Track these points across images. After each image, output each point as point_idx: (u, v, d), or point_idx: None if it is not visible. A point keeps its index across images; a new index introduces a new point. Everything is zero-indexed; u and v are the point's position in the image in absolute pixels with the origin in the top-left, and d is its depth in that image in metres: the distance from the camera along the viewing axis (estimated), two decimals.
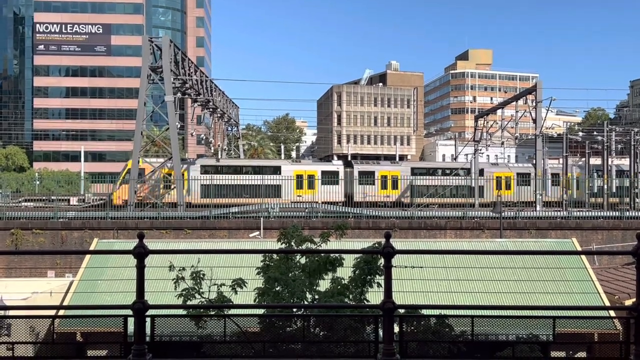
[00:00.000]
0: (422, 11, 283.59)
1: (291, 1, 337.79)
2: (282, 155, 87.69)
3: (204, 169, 46.58)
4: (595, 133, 57.21)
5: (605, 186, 46.45)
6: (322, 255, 11.11)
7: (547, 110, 51.15)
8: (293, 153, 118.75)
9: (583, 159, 54.26)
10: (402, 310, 9.52)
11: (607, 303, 18.72)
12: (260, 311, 10.36)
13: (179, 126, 45.17)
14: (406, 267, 12.19)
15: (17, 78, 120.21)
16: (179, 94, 45.47)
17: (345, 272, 11.27)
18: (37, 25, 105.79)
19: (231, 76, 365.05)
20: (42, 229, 33.96)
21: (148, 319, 6.57)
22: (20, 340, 8.20)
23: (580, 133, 62.03)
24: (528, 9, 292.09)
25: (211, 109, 55.95)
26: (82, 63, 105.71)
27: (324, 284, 11.44)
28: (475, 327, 8.58)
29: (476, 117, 61.64)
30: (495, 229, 33.93)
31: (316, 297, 11.09)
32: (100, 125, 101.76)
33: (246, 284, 10.38)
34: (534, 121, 45.23)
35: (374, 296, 9.89)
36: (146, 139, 50.07)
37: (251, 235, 33.61)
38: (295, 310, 10.40)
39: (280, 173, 47.02)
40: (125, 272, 17.67)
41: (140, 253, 6.03)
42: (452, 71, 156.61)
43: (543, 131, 48.26)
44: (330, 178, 47.80)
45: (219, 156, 56.96)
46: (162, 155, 52.07)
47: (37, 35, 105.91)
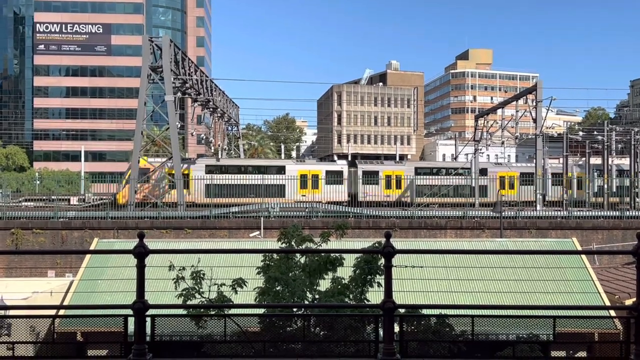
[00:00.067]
0: (422, 11, 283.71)
1: (291, 1, 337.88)
2: (282, 155, 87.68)
3: (209, 169, 46.56)
4: (595, 133, 57.17)
5: (605, 186, 46.44)
6: (323, 254, 11.11)
7: (548, 109, 51.12)
8: (293, 153, 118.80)
9: (583, 159, 54.24)
10: (403, 309, 9.53)
11: (608, 303, 18.72)
12: (260, 311, 10.36)
13: (179, 126, 45.16)
14: (406, 267, 12.17)
15: (17, 78, 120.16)
16: (179, 94, 45.49)
17: (345, 272, 11.28)
18: (37, 25, 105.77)
19: (231, 76, 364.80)
20: (43, 229, 33.97)
21: (148, 319, 6.56)
22: (20, 340, 8.21)
23: (580, 133, 62.04)
24: (528, 9, 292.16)
25: (211, 109, 55.98)
26: (82, 63, 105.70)
27: (325, 284, 11.44)
28: (475, 327, 8.59)
29: (476, 117, 61.60)
30: (495, 229, 33.92)
31: (316, 297, 11.10)
32: (100, 125, 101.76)
33: (246, 284, 10.38)
34: (534, 121, 45.22)
35: (374, 296, 9.89)
36: (146, 139, 50.07)
37: (251, 235, 33.62)
38: (295, 309, 10.39)
39: (284, 173, 46.94)
40: (125, 272, 17.68)
41: (140, 253, 6.04)
42: (453, 71, 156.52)
43: (543, 131, 48.20)
44: (334, 178, 47.76)
45: (219, 156, 56.96)
46: (163, 155, 52.06)
47: (37, 35, 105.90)
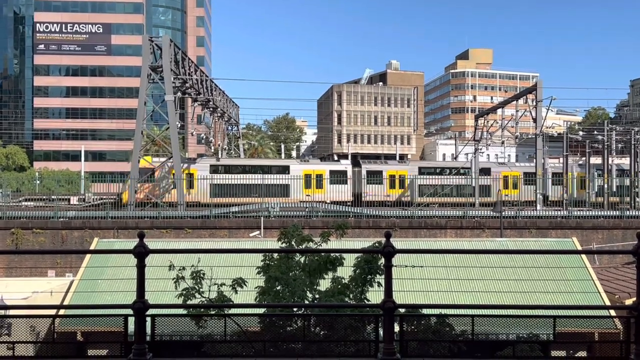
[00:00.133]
0: (422, 10, 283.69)
1: (291, 1, 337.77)
2: (283, 154, 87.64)
3: (213, 169, 46.60)
4: (595, 132, 57.16)
5: (605, 185, 46.44)
6: (323, 254, 11.11)
7: (548, 109, 51.11)
8: (293, 152, 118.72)
9: (583, 158, 54.23)
10: (403, 309, 9.52)
11: (608, 302, 18.71)
12: (260, 310, 10.35)
13: (179, 125, 45.17)
14: (406, 267, 12.18)
15: (18, 77, 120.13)
16: (179, 94, 45.48)
17: (345, 272, 11.27)
18: (37, 24, 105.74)
19: (231, 76, 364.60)
20: (43, 229, 33.97)
21: (148, 319, 6.56)
22: (20, 339, 8.22)
23: (580, 132, 62.03)
24: (528, 9, 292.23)
25: (211, 109, 55.97)
26: (83, 62, 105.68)
27: (325, 284, 11.44)
28: (475, 327, 8.58)
29: (476, 117, 61.58)
30: (495, 229, 33.92)
31: (317, 297, 11.09)
32: (100, 124, 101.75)
33: (246, 284, 10.38)
34: (534, 120, 45.22)
35: (375, 295, 9.88)
36: (146, 139, 50.07)
37: (251, 234, 33.62)
38: (295, 309, 10.39)
39: (288, 172, 47.03)
40: (125, 272, 17.68)
41: (140, 252, 6.03)
42: (453, 70, 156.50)
43: (543, 130, 48.21)
44: (338, 177, 47.80)
45: (219, 155, 56.95)
46: (163, 154, 52.08)
47: (38, 34, 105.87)
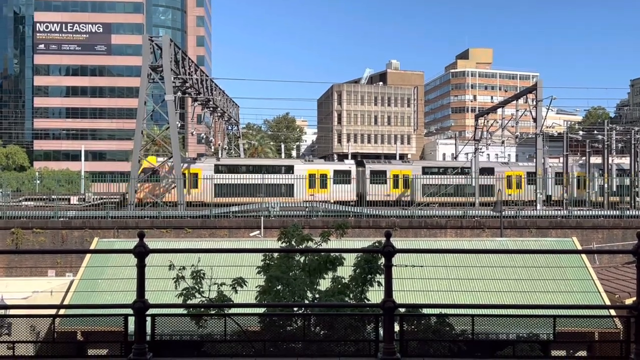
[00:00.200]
0: (423, 10, 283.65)
1: (291, 1, 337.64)
2: (283, 154, 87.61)
3: (217, 168, 46.63)
4: (595, 132, 57.18)
5: (605, 185, 46.45)
6: (323, 254, 11.10)
7: (548, 109, 51.14)
8: (293, 152, 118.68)
9: (584, 158, 54.23)
10: (403, 309, 9.52)
11: (608, 302, 18.70)
12: (260, 310, 10.35)
13: (179, 125, 45.18)
14: (407, 266, 12.17)
15: (18, 77, 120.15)
16: (179, 93, 45.47)
17: (345, 271, 11.26)
18: (38, 24, 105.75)
19: (231, 75, 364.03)
20: (43, 228, 33.98)
21: (148, 318, 6.56)
22: (21, 339, 8.22)
23: (580, 132, 62.10)
24: (528, 9, 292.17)
25: (211, 108, 55.98)
26: (83, 62, 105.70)
27: (325, 283, 11.44)
28: (475, 326, 8.58)
29: (476, 116, 61.56)
30: (495, 228, 33.92)
31: (317, 296, 11.09)
32: (100, 124, 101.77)
33: (246, 283, 10.38)
34: (535, 120, 45.22)
35: (375, 295, 9.88)
36: (146, 138, 50.07)
37: (252, 234, 33.63)
38: (295, 309, 10.39)
39: (293, 172, 47.03)
40: (125, 271, 17.67)
41: (140, 252, 6.04)
42: (453, 70, 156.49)
43: (543, 130, 48.20)
44: (342, 177, 47.82)
45: (220, 155, 56.95)
46: (163, 154, 52.07)
47: (38, 34, 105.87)
